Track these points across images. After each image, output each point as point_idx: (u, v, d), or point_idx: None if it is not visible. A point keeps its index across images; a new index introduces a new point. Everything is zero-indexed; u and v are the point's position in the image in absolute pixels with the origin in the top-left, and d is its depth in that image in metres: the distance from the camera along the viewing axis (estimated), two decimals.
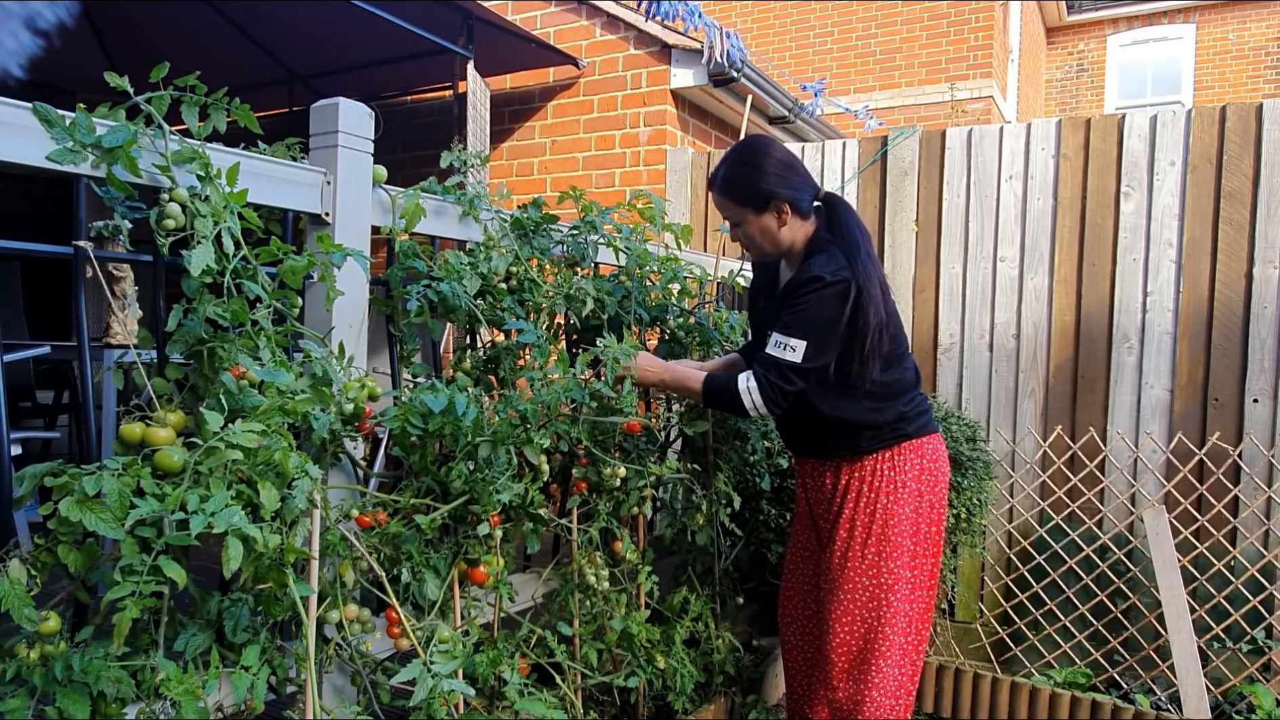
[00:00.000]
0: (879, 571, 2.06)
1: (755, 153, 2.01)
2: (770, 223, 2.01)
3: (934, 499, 2.11)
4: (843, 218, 2.03)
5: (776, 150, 2.02)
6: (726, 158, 2.05)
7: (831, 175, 3.66)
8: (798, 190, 2.00)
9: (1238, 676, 2.92)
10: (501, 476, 1.71)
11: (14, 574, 1.21)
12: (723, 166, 2.04)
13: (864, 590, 2.07)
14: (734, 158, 2.04)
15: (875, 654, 2.07)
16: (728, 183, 2.02)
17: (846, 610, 2.08)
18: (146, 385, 1.45)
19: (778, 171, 1.99)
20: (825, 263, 1.93)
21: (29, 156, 1.28)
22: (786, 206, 1.99)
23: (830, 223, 2.04)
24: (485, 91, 4.80)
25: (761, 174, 1.98)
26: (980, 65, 9.53)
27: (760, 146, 2.03)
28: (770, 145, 2.04)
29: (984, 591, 3.33)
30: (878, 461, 2.07)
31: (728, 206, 2.05)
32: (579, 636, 2.13)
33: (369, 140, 1.78)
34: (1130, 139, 3.15)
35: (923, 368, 3.47)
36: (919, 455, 2.09)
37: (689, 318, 2.59)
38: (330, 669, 1.63)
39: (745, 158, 2.02)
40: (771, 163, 1.99)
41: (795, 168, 2.02)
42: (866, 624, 2.07)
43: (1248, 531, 2.95)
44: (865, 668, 2.08)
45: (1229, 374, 3.00)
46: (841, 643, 2.09)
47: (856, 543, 2.07)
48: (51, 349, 3.26)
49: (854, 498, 2.08)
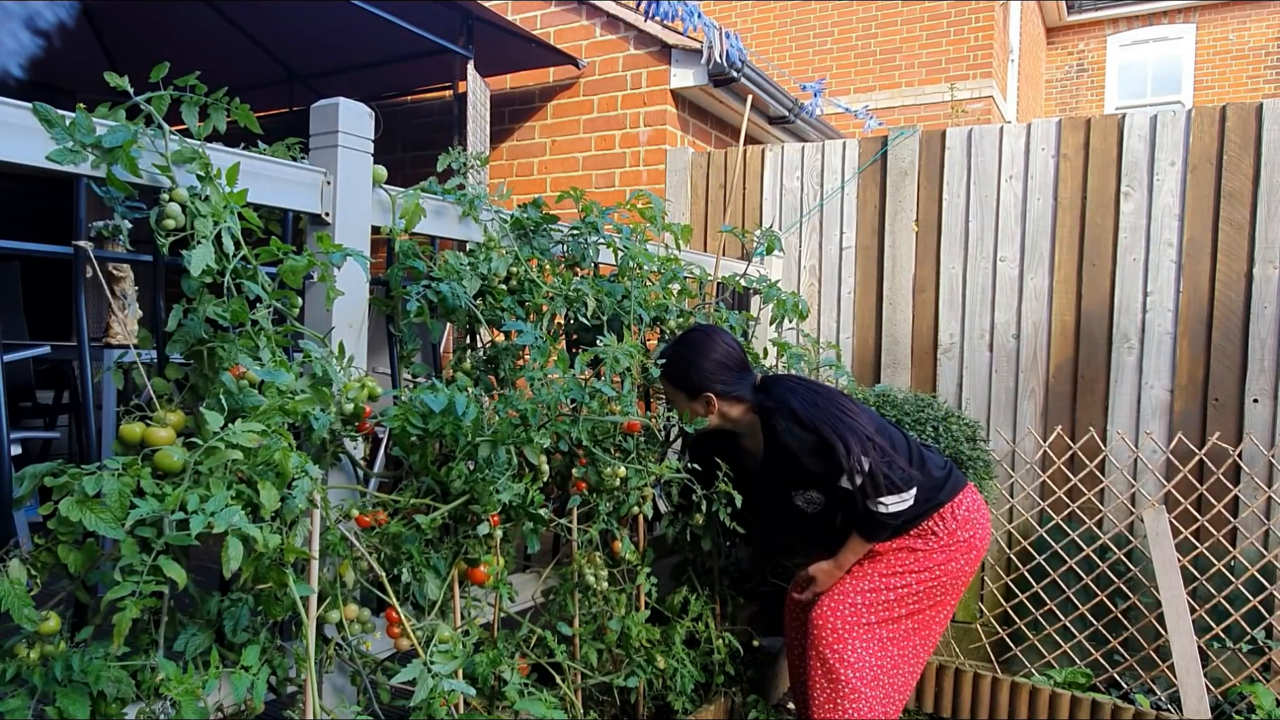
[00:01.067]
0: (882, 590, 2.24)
1: (691, 346, 2.23)
2: (698, 408, 2.23)
3: (969, 554, 2.26)
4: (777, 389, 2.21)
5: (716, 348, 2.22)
6: (670, 345, 2.29)
7: (831, 175, 3.66)
8: (723, 382, 2.21)
9: (1238, 676, 2.92)
10: (501, 476, 1.71)
11: (14, 574, 1.21)
12: (665, 354, 2.25)
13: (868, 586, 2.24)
14: (673, 348, 2.26)
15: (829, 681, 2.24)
16: (662, 368, 2.23)
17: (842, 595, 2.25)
18: (146, 385, 1.45)
19: (707, 367, 2.20)
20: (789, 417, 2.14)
21: (29, 156, 1.28)
22: (712, 397, 2.21)
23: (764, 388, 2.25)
24: (485, 91, 4.80)
25: (691, 367, 2.20)
26: (980, 65, 9.53)
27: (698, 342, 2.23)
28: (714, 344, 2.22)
29: (984, 591, 3.33)
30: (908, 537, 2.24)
31: (663, 384, 2.28)
32: (579, 636, 2.13)
33: (369, 140, 1.78)
34: (1130, 139, 3.15)
35: (923, 368, 3.47)
36: (946, 519, 2.24)
37: (689, 318, 2.59)
38: (330, 669, 1.63)
39: (682, 350, 2.23)
40: (702, 355, 2.21)
41: (729, 365, 2.21)
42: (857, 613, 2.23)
43: (1248, 531, 2.95)
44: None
45: (1229, 374, 3.00)
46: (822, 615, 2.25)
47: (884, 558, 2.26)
48: (51, 349, 3.26)
49: (891, 553, 2.25)
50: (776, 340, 3.02)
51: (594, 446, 2.04)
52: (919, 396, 3.08)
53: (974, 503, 2.27)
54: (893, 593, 2.21)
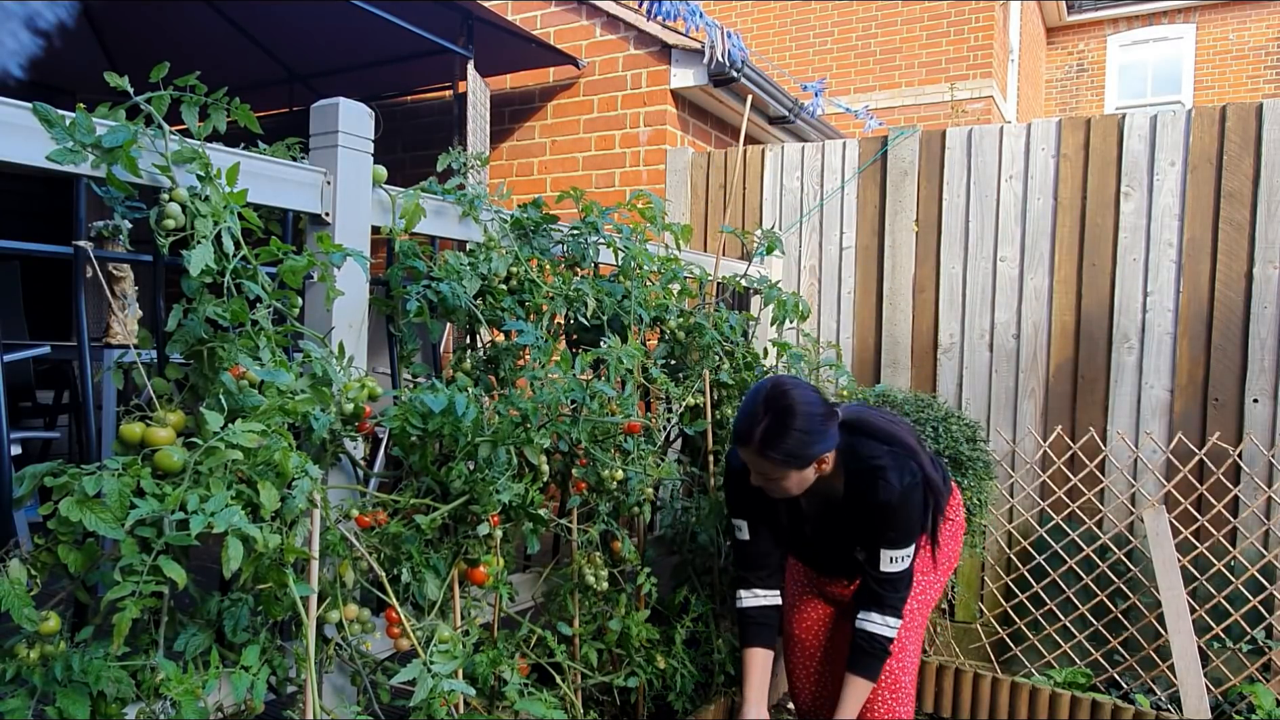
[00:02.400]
0: (930, 575, 2.23)
1: (795, 414, 1.87)
2: (809, 474, 1.94)
3: (959, 531, 2.33)
4: (878, 427, 2.03)
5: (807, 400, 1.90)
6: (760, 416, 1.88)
7: (831, 175, 3.66)
8: (832, 437, 1.93)
9: (1238, 676, 2.92)
10: (501, 476, 1.71)
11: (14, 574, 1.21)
12: (758, 425, 1.88)
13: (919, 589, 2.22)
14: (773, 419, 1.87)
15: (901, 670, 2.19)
16: (768, 447, 1.87)
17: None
18: (146, 385, 1.45)
19: (818, 427, 1.89)
20: (900, 474, 1.95)
21: (29, 156, 1.28)
22: (826, 456, 1.93)
23: (867, 433, 2.02)
24: (485, 91, 4.80)
25: (808, 436, 1.87)
26: (980, 65, 9.53)
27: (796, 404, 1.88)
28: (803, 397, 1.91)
29: (984, 591, 3.33)
30: None
31: (765, 464, 1.91)
32: (579, 636, 2.13)
33: (369, 140, 1.78)
34: (1130, 139, 3.15)
35: (923, 368, 3.47)
36: (953, 501, 2.27)
37: (689, 318, 2.59)
38: (330, 669, 1.63)
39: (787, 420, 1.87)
40: (811, 420, 1.88)
41: (825, 412, 1.92)
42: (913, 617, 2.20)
43: (1248, 531, 2.95)
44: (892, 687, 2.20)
45: (1229, 374, 3.00)
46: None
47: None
48: (51, 349, 3.26)
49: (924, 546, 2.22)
50: (777, 340, 3.02)
51: (594, 447, 2.04)
52: (919, 396, 3.08)
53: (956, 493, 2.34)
54: (932, 590, 2.25)
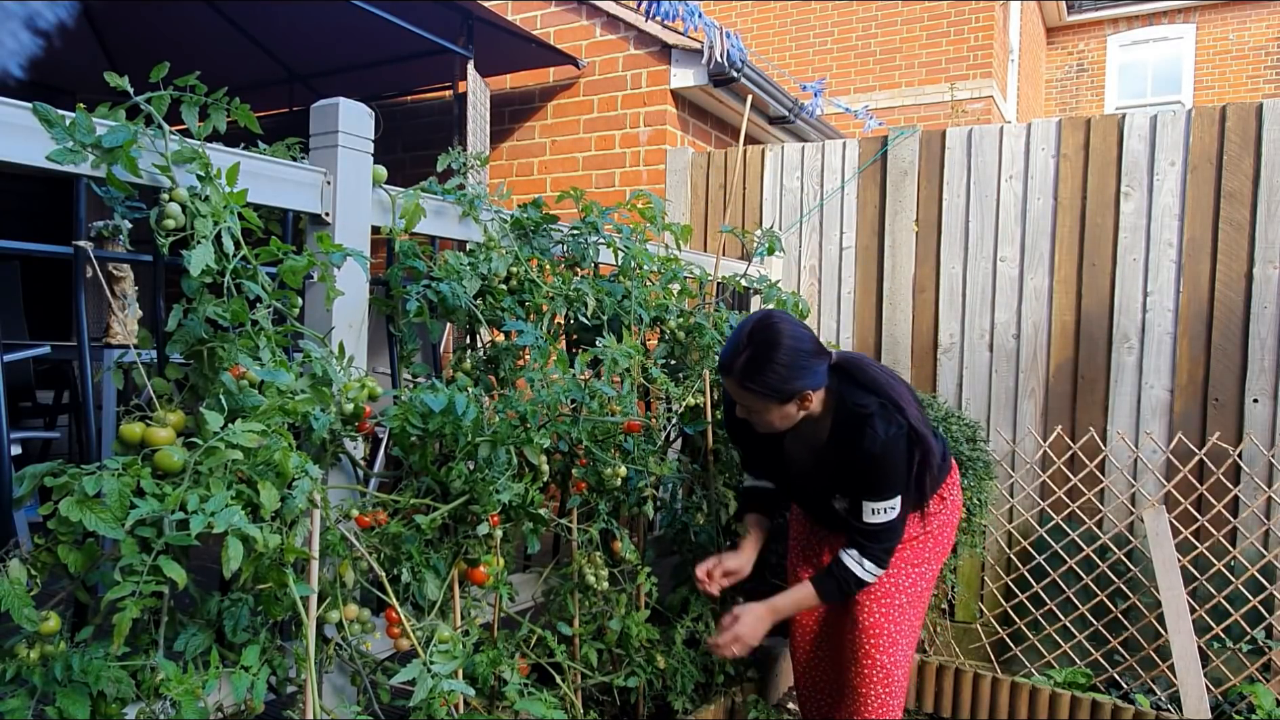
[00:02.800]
0: (921, 565, 2.23)
1: (778, 346, 1.88)
2: (791, 410, 1.94)
3: (958, 510, 2.31)
4: (870, 376, 2.01)
5: (795, 335, 1.91)
6: (743, 346, 1.90)
7: (831, 175, 3.66)
8: (816, 374, 1.92)
9: (1238, 676, 2.92)
10: (501, 476, 1.71)
11: (14, 574, 1.21)
12: (740, 356, 1.90)
13: (907, 578, 2.21)
14: (755, 350, 1.89)
15: (904, 639, 2.20)
16: (748, 378, 1.89)
17: (890, 594, 2.19)
18: (146, 385, 1.45)
19: (802, 362, 1.89)
20: (886, 425, 1.94)
21: (29, 156, 1.28)
22: (809, 393, 1.93)
23: (857, 382, 2.01)
24: (485, 91, 4.80)
25: (789, 370, 1.88)
26: (980, 65, 9.53)
27: (781, 336, 1.89)
28: (790, 331, 1.91)
29: (984, 591, 3.33)
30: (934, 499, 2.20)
31: (746, 397, 1.94)
32: (579, 636, 2.13)
33: (369, 140, 1.78)
34: (1130, 139, 3.15)
35: (923, 368, 3.47)
36: (951, 479, 2.25)
37: (689, 318, 2.59)
38: (330, 669, 1.63)
39: (769, 353, 1.88)
40: (795, 354, 1.88)
41: (813, 349, 1.93)
42: (903, 610, 2.20)
43: (1248, 531, 2.95)
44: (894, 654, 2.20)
45: (1229, 374, 3.00)
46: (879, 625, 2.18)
47: (905, 546, 2.21)
48: (51, 349, 3.26)
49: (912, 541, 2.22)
50: None
51: (594, 446, 2.04)
52: (919, 397, 3.08)
53: (955, 470, 2.31)
54: (924, 580, 2.24)
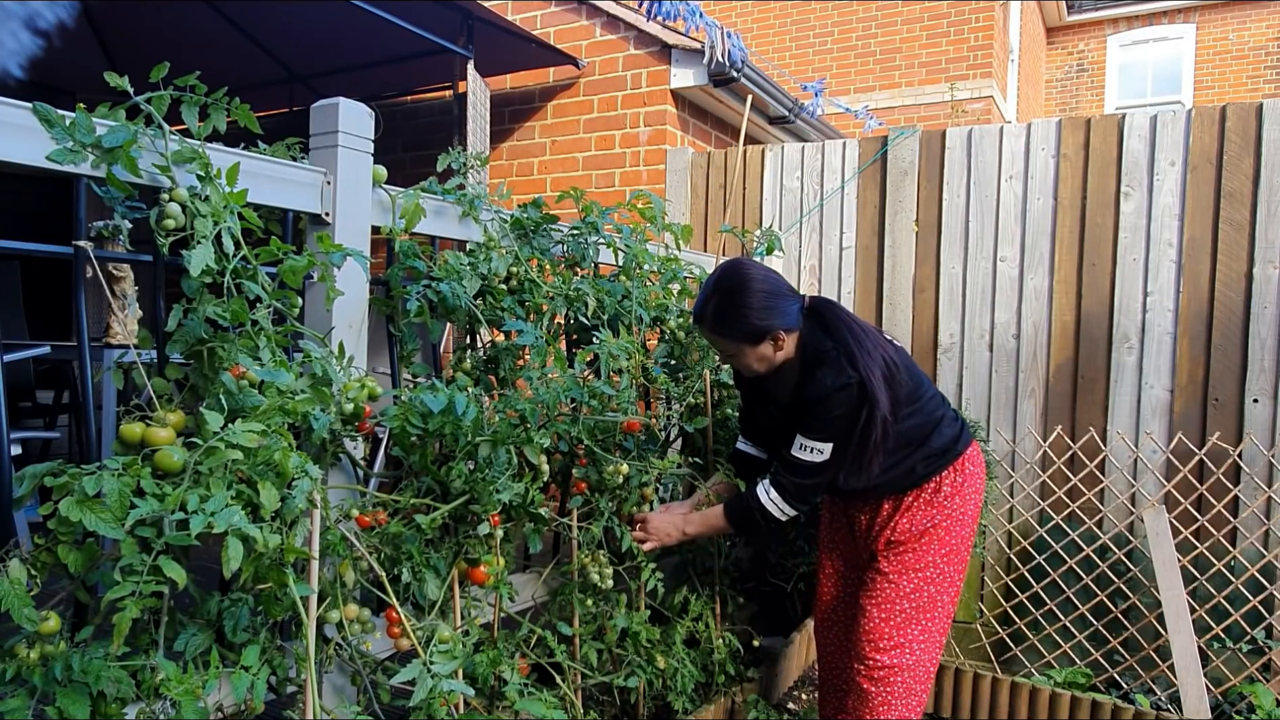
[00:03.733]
0: (927, 564, 2.14)
1: (743, 290, 1.96)
2: (767, 350, 2.00)
3: (978, 504, 2.21)
4: (832, 319, 2.04)
5: (757, 280, 1.98)
6: (712, 293, 1.99)
7: (831, 175, 3.66)
8: (786, 315, 1.98)
9: (1238, 676, 2.92)
10: (501, 476, 1.71)
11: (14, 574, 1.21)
12: (710, 304, 1.99)
13: (909, 579, 2.14)
14: (722, 296, 1.98)
15: (908, 639, 2.13)
16: (719, 323, 1.99)
17: (887, 596, 2.13)
18: (146, 385, 1.45)
19: (769, 304, 1.96)
20: (834, 375, 1.95)
21: (29, 156, 1.28)
22: (781, 333, 1.98)
23: (824, 325, 2.04)
24: (485, 91, 4.80)
25: (755, 311, 1.95)
26: (980, 65, 9.52)
27: (746, 279, 1.98)
28: (751, 276, 1.98)
29: (984, 591, 3.33)
30: (935, 481, 2.14)
31: (720, 343, 2.03)
32: (579, 636, 2.13)
33: (369, 140, 1.78)
34: (1130, 139, 3.15)
35: (923, 368, 3.46)
36: (969, 466, 2.17)
37: (689, 318, 2.59)
38: (330, 669, 1.63)
39: (735, 297, 1.96)
40: (762, 296, 1.96)
41: (779, 292, 1.99)
42: (905, 612, 2.13)
43: (1248, 531, 2.95)
44: (897, 651, 2.13)
45: (1229, 374, 3.00)
46: (875, 627, 2.13)
47: (910, 542, 2.14)
48: (51, 349, 3.26)
49: (916, 512, 2.15)
50: None
51: (594, 445, 2.04)
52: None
53: (975, 456, 2.21)
54: (933, 585, 2.14)
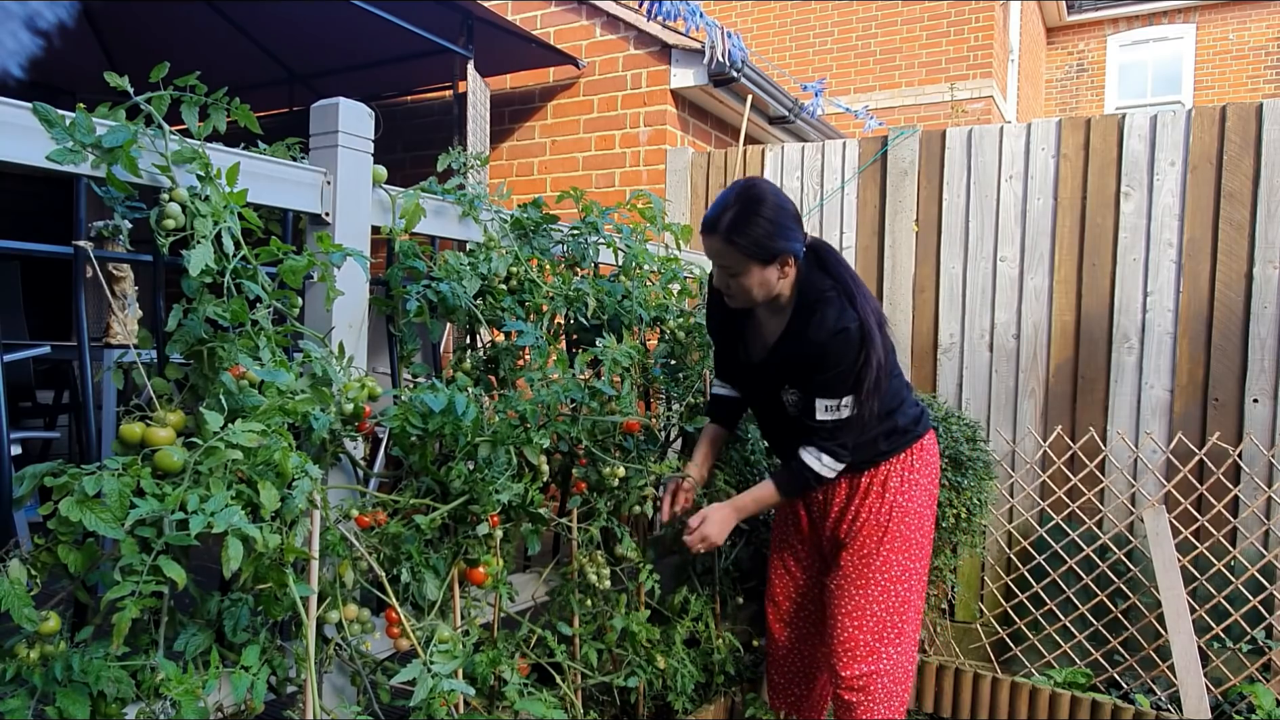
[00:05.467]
0: (895, 565, 2.12)
1: (763, 203, 1.88)
2: (772, 275, 1.92)
3: (934, 493, 2.21)
4: (832, 261, 2.00)
5: (780, 197, 1.92)
6: (731, 204, 1.89)
7: (831, 175, 3.66)
8: (797, 242, 1.92)
9: (1238, 676, 2.92)
10: (501, 476, 1.71)
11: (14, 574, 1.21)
12: (727, 213, 1.88)
13: (879, 585, 2.12)
14: (742, 207, 1.88)
15: (885, 644, 2.12)
16: (734, 232, 1.87)
17: (859, 605, 2.12)
18: (146, 385, 1.45)
19: (786, 223, 1.89)
20: (836, 315, 1.91)
21: (29, 156, 1.28)
22: (791, 259, 1.92)
23: (822, 266, 1.99)
24: (485, 91, 4.80)
25: (774, 226, 1.87)
26: (980, 65, 9.52)
27: (766, 195, 1.90)
28: (775, 193, 1.92)
29: (984, 591, 3.33)
30: (894, 463, 2.13)
31: (729, 255, 1.91)
32: (579, 636, 2.13)
33: (369, 140, 1.78)
34: (1130, 139, 3.15)
35: (923, 368, 3.47)
36: (926, 451, 2.17)
37: (689, 318, 2.58)
38: (330, 669, 1.63)
39: (758, 210, 1.87)
40: (780, 213, 1.89)
41: (796, 216, 1.94)
42: (878, 618, 2.12)
43: (1248, 531, 2.95)
44: (875, 659, 2.12)
45: (1229, 374, 3.00)
46: (850, 637, 2.12)
47: (874, 539, 2.12)
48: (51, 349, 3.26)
49: (875, 497, 2.13)
50: None
51: (593, 446, 2.04)
52: (919, 397, 3.08)
53: (932, 445, 2.21)
54: (901, 585, 2.12)
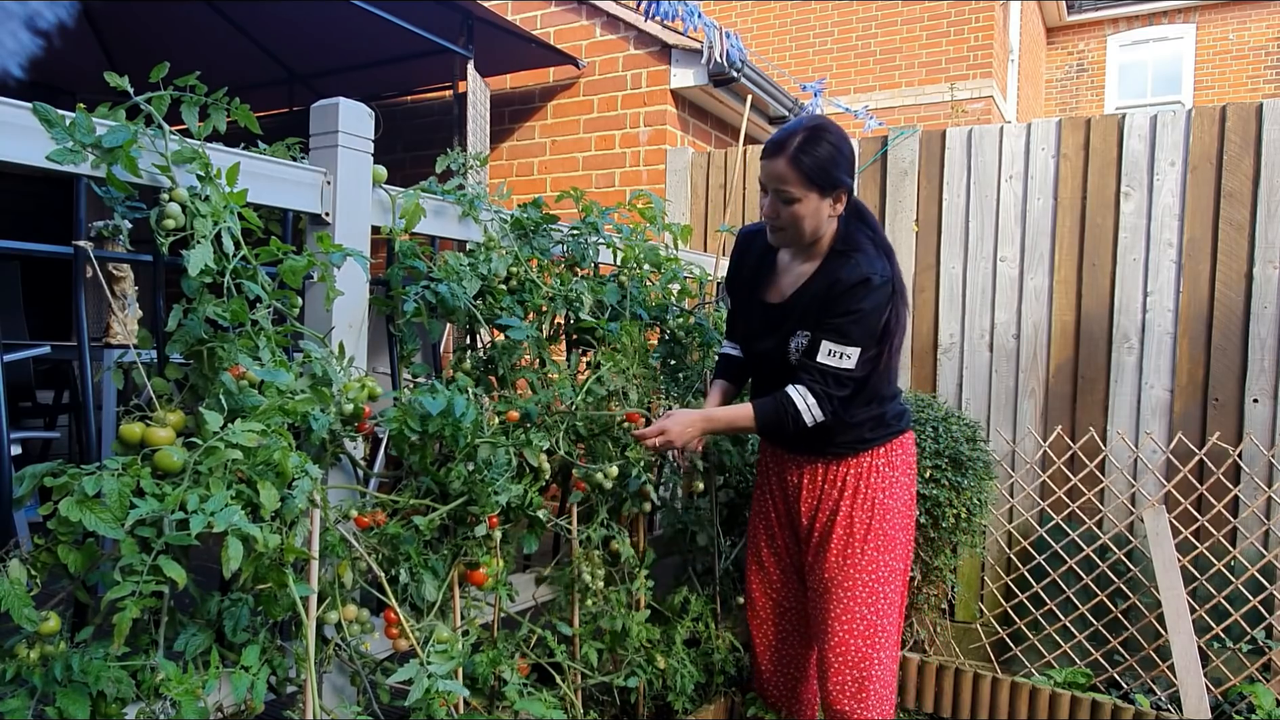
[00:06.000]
0: (879, 565, 2.06)
1: (831, 132, 1.89)
2: (825, 208, 1.91)
3: (914, 492, 2.18)
4: (872, 220, 2.01)
5: (837, 132, 1.92)
6: (799, 129, 1.89)
7: None
8: (852, 179, 1.93)
9: (1238, 676, 2.92)
10: (500, 477, 1.71)
11: (14, 574, 1.21)
12: (795, 136, 1.88)
13: (864, 585, 2.06)
14: (811, 133, 1.88)
15: (875, 648, 2.07)
16: (802, 151, 1.86)
17: (848, 608, 2.07)
18: (146, 385, 1.45)
19: (849, 157, 1.91)
20: (871, 262, 1.90)
21: (29, 156, 1.28)
22: (845, 196, 1.93)
23: (863, 220, 2.01)
24: (485, 91, 4.80)
25: (840, 155, 1.88)
26: (980, 65, 9.52)
27: (834, 127, 1.91)
28: (833, 128, 1.92)
29: (984, 591, 3.33)
30: (875, 456, 2.08)
31: (790, 179, 1.87)
32: (579, 636, 2.13)
33: (369, 140, 1.78)
34: (1130, 139, 3.15)
35: (922, 368, 3.47)
36: (905, 449, 2.14)
37: (689, 317, 2.59)
38: (330, 669, 1.64)
39: (826, 136, 1.88)
40: (845, 146, 1.90)
41: (850, 157, 1.94)
42: (866, 620, 2.06)
43: (1248, 531, 2.95)
44: (866, 663, 2.07)
45: (1229, 374, 3.00)
46: (840, 641, 2.07)
47: (856, 539, 2.07)
48: (51, 349, 3.26)
49: (851, 493, 2.08)
50: None
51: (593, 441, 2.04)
52: (919, 396, 3.08)
53: (910, 444, 2.19)
54: (884, 584, 2.08)
